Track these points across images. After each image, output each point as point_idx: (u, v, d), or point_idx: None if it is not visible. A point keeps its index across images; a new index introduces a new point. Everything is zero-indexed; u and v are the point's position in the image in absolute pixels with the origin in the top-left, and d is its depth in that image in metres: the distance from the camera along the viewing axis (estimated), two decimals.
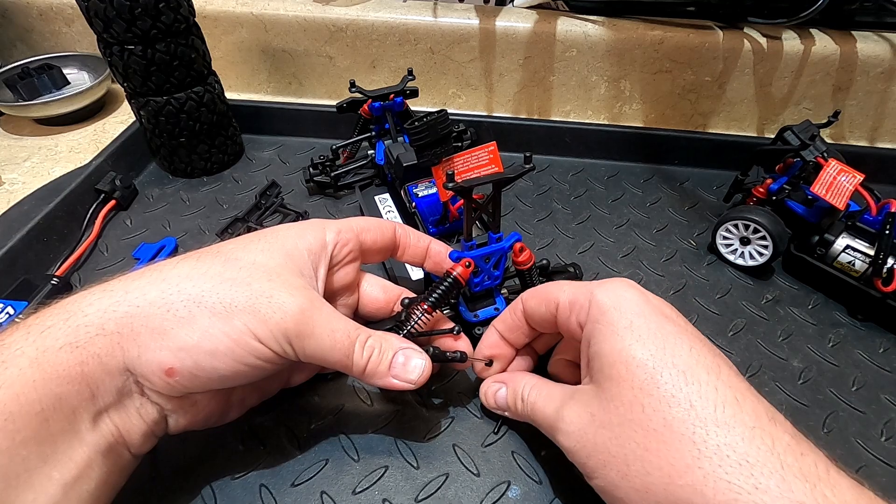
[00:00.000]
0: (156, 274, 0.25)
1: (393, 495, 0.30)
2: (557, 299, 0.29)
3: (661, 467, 0.22)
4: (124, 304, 0.24)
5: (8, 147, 0.57)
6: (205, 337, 0.24)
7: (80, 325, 0.23)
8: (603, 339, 0.25)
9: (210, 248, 0.28)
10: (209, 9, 0.58)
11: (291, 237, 0.29)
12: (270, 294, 0.25)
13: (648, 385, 0.23)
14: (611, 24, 0.56)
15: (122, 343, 0.23)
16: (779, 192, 0.45)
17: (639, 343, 0.24)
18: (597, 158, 0.58)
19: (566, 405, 0.27)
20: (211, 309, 0.24)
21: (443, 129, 0.38)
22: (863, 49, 0.55)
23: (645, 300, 0.26)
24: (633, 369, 0.23)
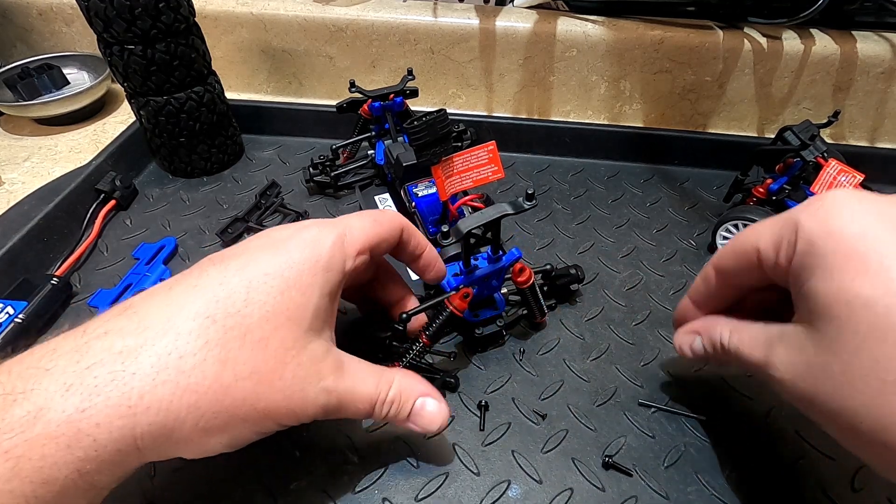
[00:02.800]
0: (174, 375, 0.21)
1: (393, 494, 0.30)
2: (756, 246, 0.25)
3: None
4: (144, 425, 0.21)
5: (8, 147, 0.57)
6: (233, 440, 0.23)
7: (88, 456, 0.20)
8: (816, 275, 0.21)
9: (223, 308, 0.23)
10: (209, 9, 0.58)
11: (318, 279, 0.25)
12: (303, 388, 0.24)
13: (881, 330, 0.19)
14: (611, 24, 0.56)
15: (141, 454, 0.21)
16: (779, 192, 0.45)
17: (864, 277, 0.20)
18: (597, 158, 0.58)
19: (774, 349, 0.24)
20: (244, 418, 0.23)
21: (442, 128, 0.38)
22: (863, 49, 0.55)
23: (869, 213, 0.21)
24: (858, 311, 0.20)
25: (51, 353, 0.21)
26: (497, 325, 0.37)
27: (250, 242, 0.27)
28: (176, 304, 0.23)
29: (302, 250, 0.25)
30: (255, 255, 0.25)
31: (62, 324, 0.39)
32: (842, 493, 0.30)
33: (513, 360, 0.37)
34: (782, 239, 0.24)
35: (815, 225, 0.22)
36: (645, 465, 0.31)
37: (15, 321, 0.37)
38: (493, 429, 0.33)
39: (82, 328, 0.22)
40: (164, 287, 0.24)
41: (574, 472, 0.31)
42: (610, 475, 0.31)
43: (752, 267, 0.26)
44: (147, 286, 0.42)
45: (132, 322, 0.22)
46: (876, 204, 0.22)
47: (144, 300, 0.23)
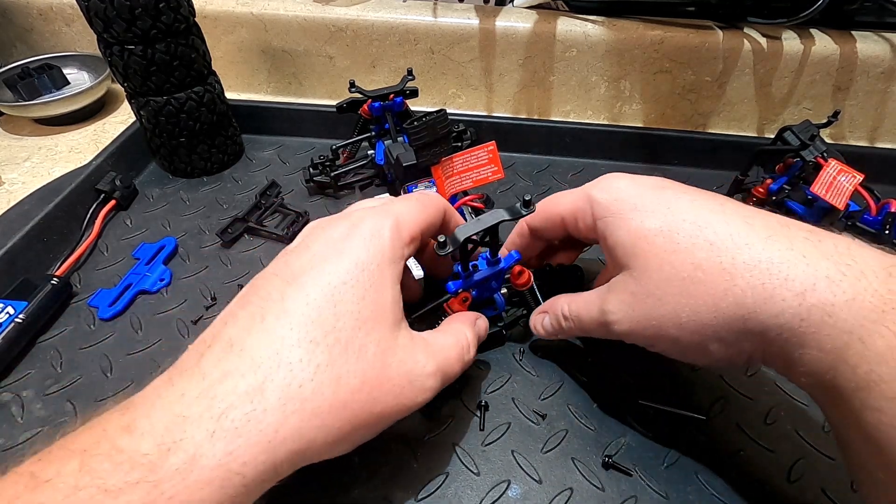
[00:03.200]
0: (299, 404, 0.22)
1: (393, 494, 0.30)
2: (559, 213, 0.32)
3: (705, 302, 0.24)
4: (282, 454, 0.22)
5: (8, 147, 0.57)
6: (352, 445, 0.25)
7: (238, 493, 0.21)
8: (616, 229, 0.28)
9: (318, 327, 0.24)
10: (209, 9, 0.58)
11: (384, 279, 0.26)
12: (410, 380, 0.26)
13: (670, 245, 0.25)
14: (611, 24, 0.56)
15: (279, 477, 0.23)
16: (779, 192, 0.45)
17: (647, 217, 0.27)
18: (597, 158, 0.58)
19: (607, 300, 0.28)
20: (364, 424, 0.24)
21: (442, 128, 0.38)
22: (863, 49, 0.55)
23: (637, 182, 0.29)
24: (652, 239, 0.26)
25: (179, 398, 0.22)
26: (497, 326, 0.37)
27: (311, 248, 0.27)
28: (277, 335, 0.23)
29: (367, 248, 0.26)
30: (323, 265, 0.26)
31: (62, 324, 0.39)
32: (841, 494, 0.30)
33: (513, 361, 0.37)
34: (577, 208, 0.31)
35: (606, 195, 0.29)
36: (645, 465, 0.31)
37: (15, 321, 0.37)
38: (493, 429, 0.33)
39: (197, 366, 0.23)
40: (254, 316, 0.24)
41: (574, 472, 0.31)
42: (610, 475, 0.31)
43: (556, 227, 0.33)
44: (147, 286, 0.42)
45: (244, 361, 0.23)
46: (639, 178, 0.30)
47: (243, 334, 0.24)
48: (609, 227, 0.28)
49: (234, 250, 0.46)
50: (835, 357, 0.21)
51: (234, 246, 0.46)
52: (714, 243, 0.25)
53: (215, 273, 0.44)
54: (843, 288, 0.22)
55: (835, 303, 0.22)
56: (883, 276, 0.21)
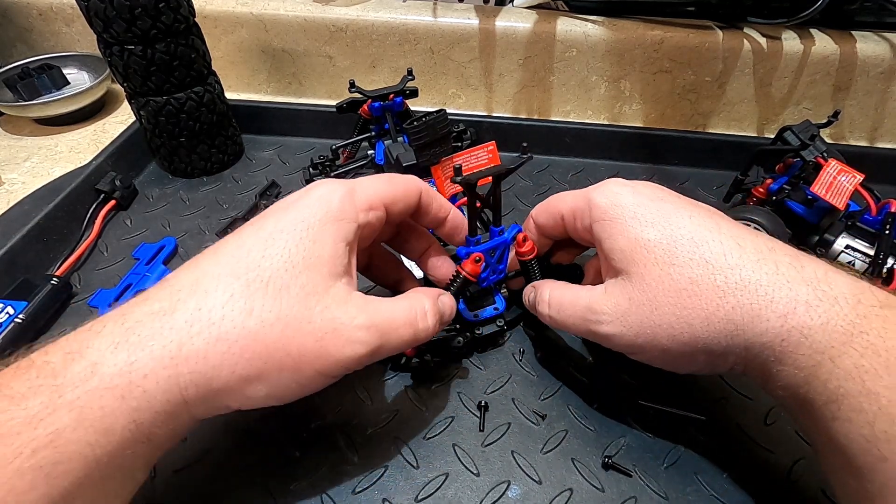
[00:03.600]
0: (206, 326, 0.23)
1: (393, 495, 0.30)
2: (560, 211, 0.33)
3: (699, 316, 0.26)
4: (185, 374, 0.23)
5: (8, 147, 0.57)
6: (274, 389, 0.24)
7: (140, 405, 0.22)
8: (614, 234, 0.29)
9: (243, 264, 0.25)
10: (209, 9, 0.58)
11: (330, 228, 0.26)
12: (335, 327, 0.25)
13: (669, 258, 0.27)
14: (611, 24, 0.56)
15: (189, 406, 0.23)
16: (779, 192, 0.45)
17: (647, 227, 0.28)
18: (597, 158, 0.58)
19: (599, 301, 0.29)
20: (279, 363, 0.24)
21: (442, 128, 0.38)
22: (863, 49, 0.55)
23: (637, 191, 0.30)
24: (652, 248, 0.27)
25: (99, 321, 0.23)
26: (497, 325, 0.37)
27: (267, 210, 0.28)
28: (201, 269, 0.25)
29: (312, 206, 0.27)
30: (267, 218, 0.27)
31: (62, 324, 0.39)
32: None
33: (512, 361, 0.37)
34: (577, 208, 0.31)
35: (605, 199, 0.30)
36: (644, 465, 0.31)
37: (15, 321, 0.37)
38: (493, 429, 0.33)
39: (128, 301, 0.25)
40: (192, 260, 0.26)
41: (574, 472, 0.31)
42: (610, 475, 0.31)
43: (557, 225, 0.34)
44: (147, 286, 0.42)
45: (165, 289, 0.24)
46: (638, 186, 0.30)
47: (176, 273, 0.25)
48: (606, 231, 0.29)
49: None
50: (808, 373, 0.24)
51: None
52: (709, 261, 0.26)
53: None
54: (818, 312, 0.24)
55: (811, 326, 0.24)
56: (853, 303, 0.24)
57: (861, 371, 0.22)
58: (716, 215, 0.28)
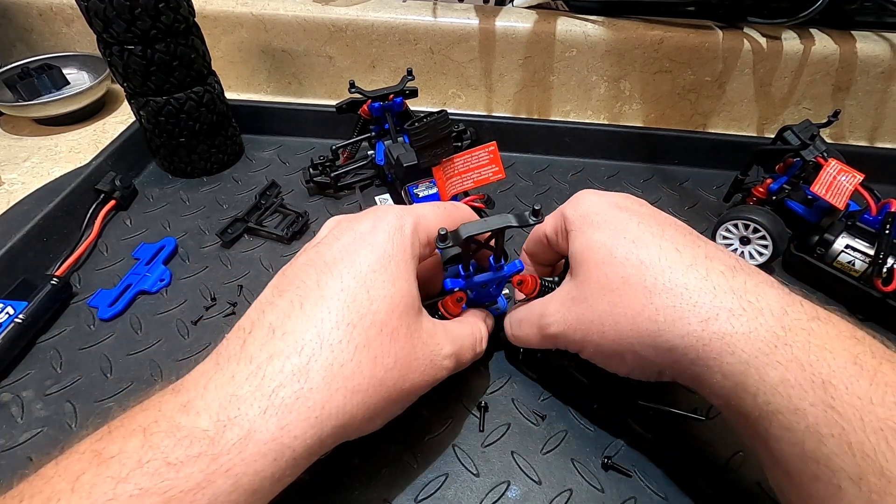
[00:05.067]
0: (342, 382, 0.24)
1: (393, 495, 0.30)
2: (544, 231, 0.34)
3: (626, 314, 0.26)
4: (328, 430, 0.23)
5: (8, 147, 0.57)
6: (385, 420, 0.27)
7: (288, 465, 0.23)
8: (575, 241, 0.30)
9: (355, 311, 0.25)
10: (209, 9, 0.58)
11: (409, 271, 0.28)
12: (432, 360, 0.28)
13: (608, 258, 0.28)
14: (611, 24, 0.56)
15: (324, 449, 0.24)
16: (779, 191, 0.45)
17: (598, 231, 0.29)
18: (597, 158, 0.58)
19: (547, 304, 0.31)
20: (398, 401, 0.27)
21: (443, 129, 0.38)
22: (863, 49, 0.55)
23: (601, 200, 0.31)
24: (595, 250, 0.29)
25: (230, 379, 0.23)
26: None
27: (340, 240, 0.28)
28: (317, 319, 0.25)
29: (392, 241, 0.28)
30: (354, 255, 0.27)
31: (62, 324, 0.39)
32: None
33: (513, 361, 0.37)
34: (557, 226, 0.32)
35: (573, 211, 0.31)
36: (644, 465, 0.31)
37: (15, 321, 0.37)
38: (493, 430, 0.33)
39: (242, 351, 0.24)
40: (292, 303, 0.25)
41: (573, 472, 0.31)
42: (609, 476, 0.31)
43: (545, 248, 0.34)
44: (147, 286, 0.42)
45: (288, 343, 0.24)
46: (607, 196, 0.32)
47: (284, 319, 0.25)
48: (570, 240, 0.31)
49: (233, 250, 0.46)
50: (735, 384, 0.24)
51: (234, 246, 0.46)
52: (644, 262, 0.27)
53: (215, 273, 0.44)
54: (741, 321, 0.24)
55: (733, 334, 0.24)
56: (779, 314, 0.24)
57: (787, 386, 0.22)
58: (668, 223, 0.29)
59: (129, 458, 0.20)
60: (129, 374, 0.36)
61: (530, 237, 0.36)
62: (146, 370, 0.36)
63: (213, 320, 0.40)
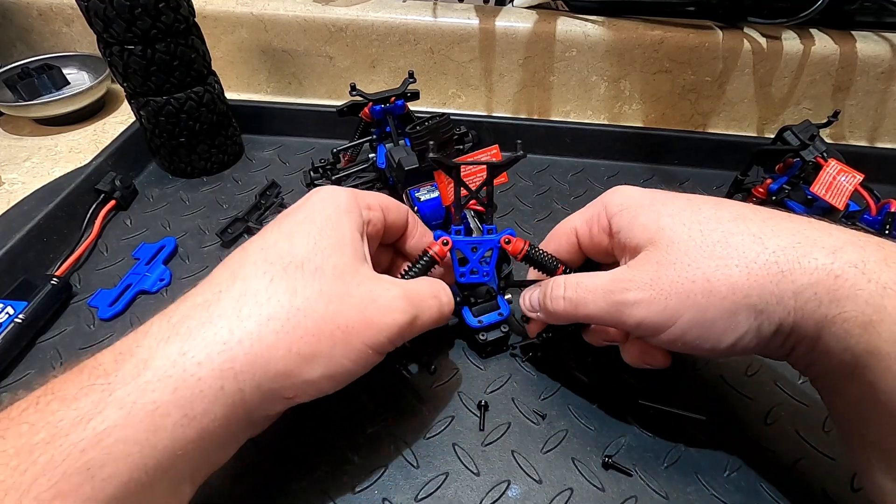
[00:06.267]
0: (256, 309, 0.23)
1: (393, 495, 0.30)
2: (573, 226, 0.33)
3: (739, 263, 0.24)
4: (241, 356, 0.22)
5: (8, 147, 0.57)
6: (328, 367, 0.24)
7: (194, 396, 0.21)
8: (636, 216, 0.28)
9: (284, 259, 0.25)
10: (209, 9, 0.58)
11: (344, 222, 0.27)
12: (374, 297, 0.26)
13: (695, 221, 0.26)
14: (611, 24, 0.56)
15: (245, 398, 0.22)
16: (779, 191, 0.45)
17: (667, 206, 0.28)
18: (597, 158, 0.58)
19: (624, 272, 0.28)
20: (331, 338, 0.24)
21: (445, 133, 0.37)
22: (863, 49, 0.55)
23: (647, 191, 0.30)
24: (677, 215, 0.27)
25: (146, 324, 0.23)
26: (501, 330, 0.36)
27: (277, 216, 0.29)
28: (235, 263, 0.26)
29: (322, 202, 0.28)
30: (282, 219, 0.28)
31: (62, 324, 0.39)
32: (842, 494, 0.30)
33: (513, 361, 0.37)
34: (592, 216, 0.31)
35: (620, 198, 0.30)
36: (645, 465, 0.31)
37: (15, 321, 0.37)
38: (493, 429, 0.33)
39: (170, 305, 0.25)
40: (223, 261, 0.27)
41: (574, 472, 0.31)
42: (610, 475, 0.31)
43: (570, 243, 0.33)
44: (147, 286, 0.42)
45: (204, 285, 0.25)
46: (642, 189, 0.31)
47: (211, 273, 0.26)
48: (626, 217, 0.29)
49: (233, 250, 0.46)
50: (873, 310, 0.21)
51: (234, 246, 0.46)
52: (739, 216, 0.26)
53: None
54: (868, 251, 0.22)
55: (866, 260, 0.22)
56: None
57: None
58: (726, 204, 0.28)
59: (28, 400, 0.20)
60: None
61: (550, 236, 0.34)
62: None
63: None
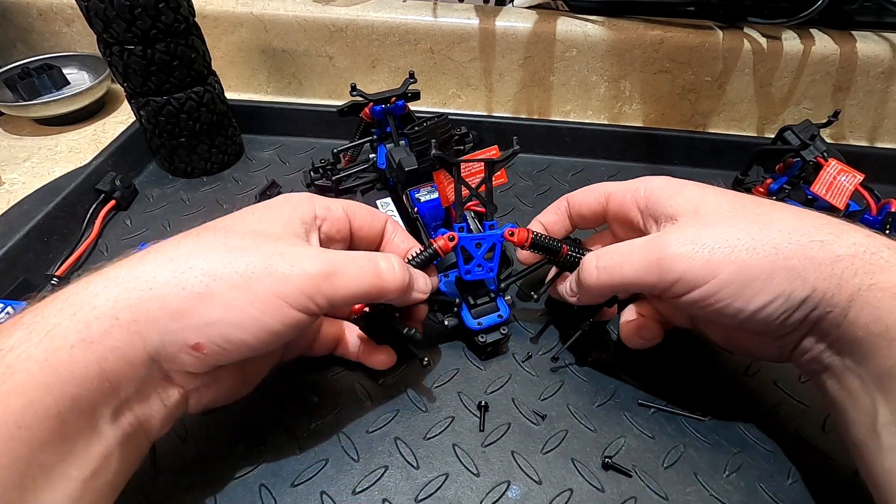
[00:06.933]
0: (160, 256, 0.24)
1: (393, 495, 0.30)
2: (608, 191, 0.34)
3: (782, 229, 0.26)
4: (135, 290, 0.23)
5: (8, 147, 0.57)
6: (228, 309, 0.23)
7: (90, 320, 0.22)
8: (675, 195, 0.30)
9: (206, 225, 0.27)
10: (209, 9, 0.58)
11: (286, 207, 0.29)
12: (282, 251, 0.25)
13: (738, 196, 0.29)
14: (611, 24, 0.56)
15: (141, 331, 0.23)
16: (779, 191, 0.45)
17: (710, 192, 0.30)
18: (597, 158, 0.58)
19: (663, 232, 0.29)
20: (228, 280, 0.23)
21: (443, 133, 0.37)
22: (863, 49, 0.55)
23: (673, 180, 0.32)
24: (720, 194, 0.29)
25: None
26: (501, 332, 0.36)
27: None
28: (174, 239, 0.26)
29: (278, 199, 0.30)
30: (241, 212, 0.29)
31: None
32: (841, 494, 0.30)
33: (513, 361, 0.37)
34: (630, 188, 0.33)
35: (659, 182, 0.32)
36: (644, 465, 0.31)
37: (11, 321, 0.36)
38: (493, 429, 0.33)
39: None
40: None
41: (574, 472, 0.31)
42: (609, 476, 0.31)
43: (598, 204, 0.34)
44: None
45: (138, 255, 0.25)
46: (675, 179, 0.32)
47: None
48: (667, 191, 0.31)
49: None
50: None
51: None
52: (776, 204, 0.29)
53: None
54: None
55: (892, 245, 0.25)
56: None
57: None
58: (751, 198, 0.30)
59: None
60: None
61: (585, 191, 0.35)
62: None
63: None
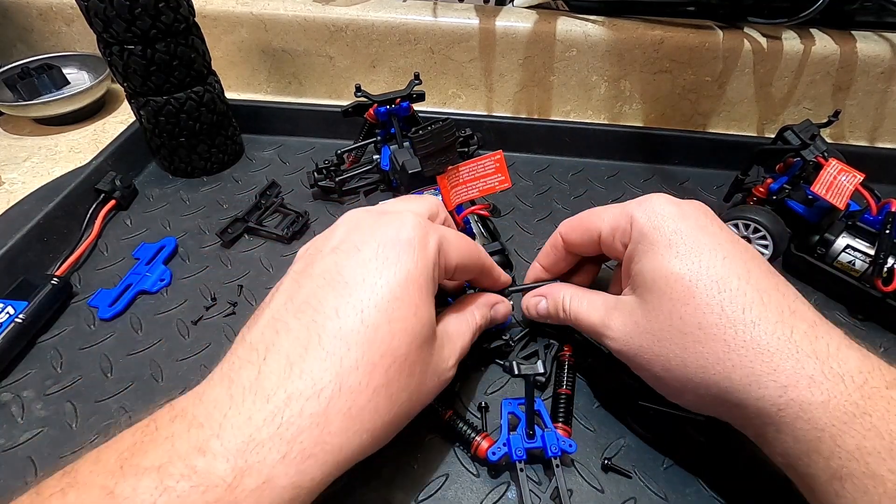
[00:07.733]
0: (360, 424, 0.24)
1: (393, 495, 0.30)
2: (599, 229, 0.32)
3: (697, 362, 0.26)
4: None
5: (8, 147, 0.57)
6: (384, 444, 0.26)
7: None
8: (644, 258, 0.28)
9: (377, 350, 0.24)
10: (209, 9, 0.58)
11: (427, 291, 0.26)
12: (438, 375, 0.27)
13: (685, 296, 0.26)
14: (611, 24, 0.56)
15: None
16: (779, 191, 0.45)
17: (677, 259, 0.27)
18: (597, 158, 0.58)
19: (611, 315, 0.30)
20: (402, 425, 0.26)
21: (448, 137, 0.37)
22: (863, 49, 0.55)
23: (682, 215, 0.29)
24: (672, 283, 0.27)
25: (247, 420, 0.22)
26: (502, 338, 0.36)
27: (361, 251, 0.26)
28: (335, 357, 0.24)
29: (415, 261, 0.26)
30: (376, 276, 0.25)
31: (62, 324, 0.39)
32: None
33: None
34: (618, 227, 0.31)
35: (647, 220, 0.29)
36: (644, 466, 0.31)
37: (15, 321, 0.37)
38: (493, 430, 0.33)
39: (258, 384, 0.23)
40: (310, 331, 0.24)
41: (573, 473, 0.31)
42: (609, 477, 0.31)
43: (592, 242, 0.33)
44: (147, 286, 0.42)
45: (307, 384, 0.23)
46: (687, 209, 0.29)
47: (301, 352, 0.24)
48: (638, 254, 0.29)
49: (234, 250, 0.46)
50: (808, 448, 0.23)
51: (234, 246, 0.46)
52: (725, 311, 0.25)
53: (215, 273, 0.44)
54: (822, 390, 0.23)
55: (811, 402, 0.23)
56: (860, 382, 0.23)
57: (864, 453, 0.22)
58: (751, 261, 0.27)
59: (144, 500, 0.19)
60: (130, 374, 0.36)
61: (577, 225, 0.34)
62: (146, 370, 0.36)
63: (214, 320, 0.40)
